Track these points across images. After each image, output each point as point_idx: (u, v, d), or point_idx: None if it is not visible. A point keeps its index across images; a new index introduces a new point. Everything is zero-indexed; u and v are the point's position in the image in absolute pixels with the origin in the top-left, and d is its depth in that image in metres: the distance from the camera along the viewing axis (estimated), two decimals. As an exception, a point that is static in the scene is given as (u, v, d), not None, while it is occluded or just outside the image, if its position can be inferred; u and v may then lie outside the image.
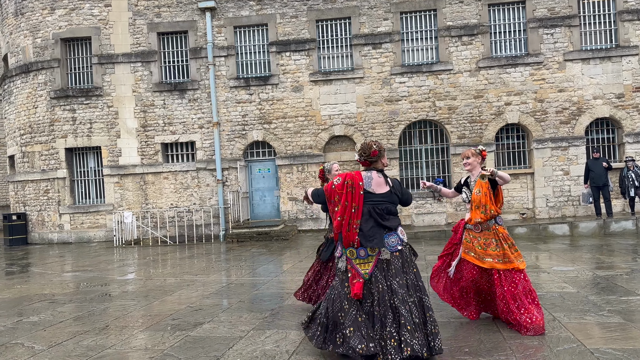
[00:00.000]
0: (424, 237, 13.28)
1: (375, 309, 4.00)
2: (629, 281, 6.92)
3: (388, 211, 4.21)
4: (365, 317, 3.99)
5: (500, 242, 4.88)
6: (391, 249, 4.15)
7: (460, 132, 15.17)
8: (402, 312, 3.91)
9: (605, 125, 15.21)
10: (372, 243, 4.10)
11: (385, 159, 4.40)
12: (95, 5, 16.20)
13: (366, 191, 4.17)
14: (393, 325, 3.91)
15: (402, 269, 4.14)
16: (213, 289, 7.63)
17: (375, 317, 3.99)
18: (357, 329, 3.92)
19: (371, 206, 4.15)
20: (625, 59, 14.70)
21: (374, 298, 4.03)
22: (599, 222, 12.86)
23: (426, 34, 15.52)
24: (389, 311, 3.95)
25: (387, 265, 4.11)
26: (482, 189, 4.98)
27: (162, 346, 4.88)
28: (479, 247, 4.93)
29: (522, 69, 14.99)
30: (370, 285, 4.06)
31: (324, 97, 15.56)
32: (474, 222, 5.00)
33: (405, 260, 4.18)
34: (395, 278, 4.06)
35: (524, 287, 4.82)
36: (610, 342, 4.43)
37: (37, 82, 16.60)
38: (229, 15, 15.87)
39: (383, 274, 4.08)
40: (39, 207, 16.74)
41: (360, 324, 3.94)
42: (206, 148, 15.99)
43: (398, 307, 3.93)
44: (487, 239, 4.93)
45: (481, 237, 4.96)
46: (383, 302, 3.98)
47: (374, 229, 4.13)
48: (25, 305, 7.05)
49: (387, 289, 4.03)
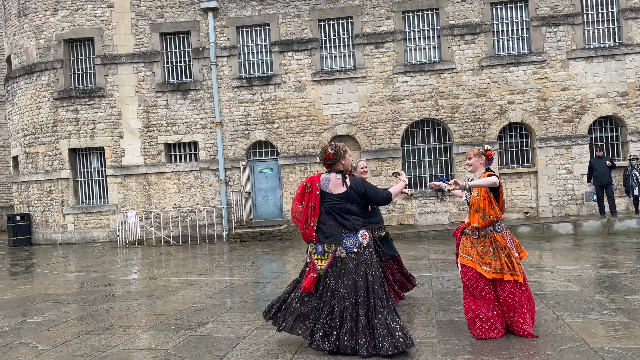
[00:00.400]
0: (427, 236, 13.27)
1: (320, 301, 4.38)
2: (633, 280, 6.89)
3: (346, 210, 4.42)
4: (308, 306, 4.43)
5: (497, 251, 4.59)
6: (347, 249, 4.35)
7: (463, 131, 15.14)
8: (338, 308, 4.27)
9: (609, 123, 15.16)
10: (329, 240, 4.37)
11: (347, 159, 4.57)
12: (98, 6, 16.24)
13: (323, 191, 4.46)
14: (327, 318, 4.28)
15: (355, 270, 4.31)
16: (216, 289, 7.64)
17: (318, 308, 4.38)
18: (293, 311, 4.46)
19: (329, 205, 4.43)
20: (628, 57, 14.64)
21: (322, 292, 4.38)
22: (602, 221, 12.82)
23: (428, 33, 15.50)
24: (328, 305, 4.30)
25: (341, 263, 4.34)
26: (480, 191, 4.66)
27: (166, 346, 4.89)
28: (476, 253, 4.65)
29: (525, 68, 14.95)
30: (325, 280, 4.38)
31: (326, 97, 15.56)
32: (471, 227, 4.69)
33: (360, 263, 4.34)
34: (343, 277, 4.31)
35: (521, 298, 4.60)
36: (615, 341, 4.42)
37: (41, 83, 16.66)
38: (231, 16, 15.89)
39: (336, 271, 4.35)
40: (43, 207, 16.80)
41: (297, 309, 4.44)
42: (209, 148, 16.02)
43: (335, 304, 4.28)
44: (485, 247, 4.64)
45: (479, 243, 4.66)
46: (326, 296, 4.33)
47: (332, 227, 4.40)
48: (30, 306, 7.08)
49: (334, 286, 4.33)
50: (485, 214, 4.59)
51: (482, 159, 4.79)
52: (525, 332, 4.57)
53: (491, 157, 4.86)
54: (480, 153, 4.79)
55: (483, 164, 4.80)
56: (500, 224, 4.69)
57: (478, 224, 4.61)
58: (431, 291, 6.74)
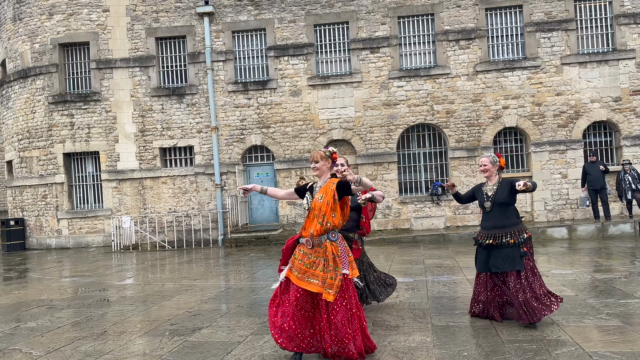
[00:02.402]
0: (423, 240, 13.28)
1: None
2: (627, 284, 6.92)
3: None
4: None
5: (327, 262, 4.11)
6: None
7: (459, 136, 15.19)
8: None
9: (603, 128, 15.25)
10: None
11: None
12: (93, 10, 16.22)
13: None
14: None
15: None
16: (211, 294, 7.61)
17: None
18: None
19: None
20: (622, 63, 14.75)
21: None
22: (597, 225, 12.88)
23: (424, 38, 15.57)
24: None
25: None
26: (326, 195, 4.21)
27: (161, 351, 4.87)
28: (307, 265, 4.15)
29: (520, 73, 15.04)
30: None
31: (322, 102, 15.59)
32: (308, 235, 4.21)
33: None
34: None
35: (344, 316, 4.10)
36: (609, 345, 4.43)
37: (35, 87, 16.61)
38: (227, 20, 15.91)
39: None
40: (37, 212, 16.71)
41: None
42: (204, 152, 15.99)
43: None
44: (318, 257, 4.15)
45: (312, 254, 4.18)
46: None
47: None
48: (23, 311, 7.03)
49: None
50: (324, 220, 4.16)
51: (328, 163, 4.38)
52: (351, 353, 4.10)
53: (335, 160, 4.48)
54: (326, 156, 4.37)
55: (329, 168, 4.39)
56: (335, 232, 4.25)
57: (315, 232, 4.17)
58: (427, 296, 6.74)
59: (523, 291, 5.04)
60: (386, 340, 4.86)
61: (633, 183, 13.03)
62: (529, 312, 4.97)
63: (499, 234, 5.29)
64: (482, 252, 5.38)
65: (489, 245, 5.29)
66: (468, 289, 7.07)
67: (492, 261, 5.26)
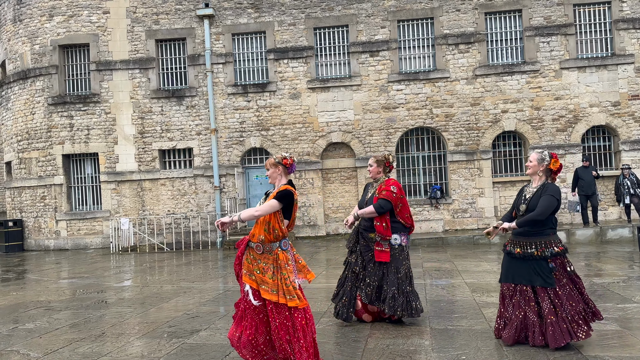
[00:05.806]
0: (421, 244, 13.28)
1: None
2: (625, 288, 6.93)
3: None
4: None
5: (277, 270, 4.08)
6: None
7: (457, 140, 15.22)
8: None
9: (602, 133, 15.28)
10: None
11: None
12: (93, 12, 16.24)
13: None
14: None
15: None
16: (210, 296, 7.61)
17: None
18: None
19: None
20: (621, 67, 14.80)
21: None
22: (595, 230, 12.88)
23: (423, 42, 15.60)
24: None
25: None
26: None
27: (159, 354, 4.86)
28: (257, 270, 4.14)
29: (519, 77, 15.07)
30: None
31: (321, 104, 15.61)
32: (257, 240, 4.16)
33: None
34: None
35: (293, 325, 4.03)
36: (607, 350, 4.44)
37: (35, 88, 16.61)
38: (227, 23, 15.94)
39: None
40: (36, 213, 16.69)
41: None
42: (204, 155, 16.00)
43: None
44: (267, 264, 4.13)
45: (262, 259, 4.15)
46: None
47: None
48: (21, 312, 7.02)
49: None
50: (270, 226, 4.11)
51: (279, 169, 4.33)
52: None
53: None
54: (276, 163, 4.34)
55: (280, 174, 4.34)
56: (286, 241, 4.21)
57: (264, 237, 4.13)
58: (425, 299, 6.74)
59: (550, 310, 4.47)
60: (385, 344, 4.86)
61: (631, 187, 13.03)
62: (550, 334, 4.43)
63: (525, 242, 4.65)
64: (507, 261, 4.78)
65: (514, 253, 4.70)
66: (467, 292, 7.07)
67: (512, 271, 4.71)
